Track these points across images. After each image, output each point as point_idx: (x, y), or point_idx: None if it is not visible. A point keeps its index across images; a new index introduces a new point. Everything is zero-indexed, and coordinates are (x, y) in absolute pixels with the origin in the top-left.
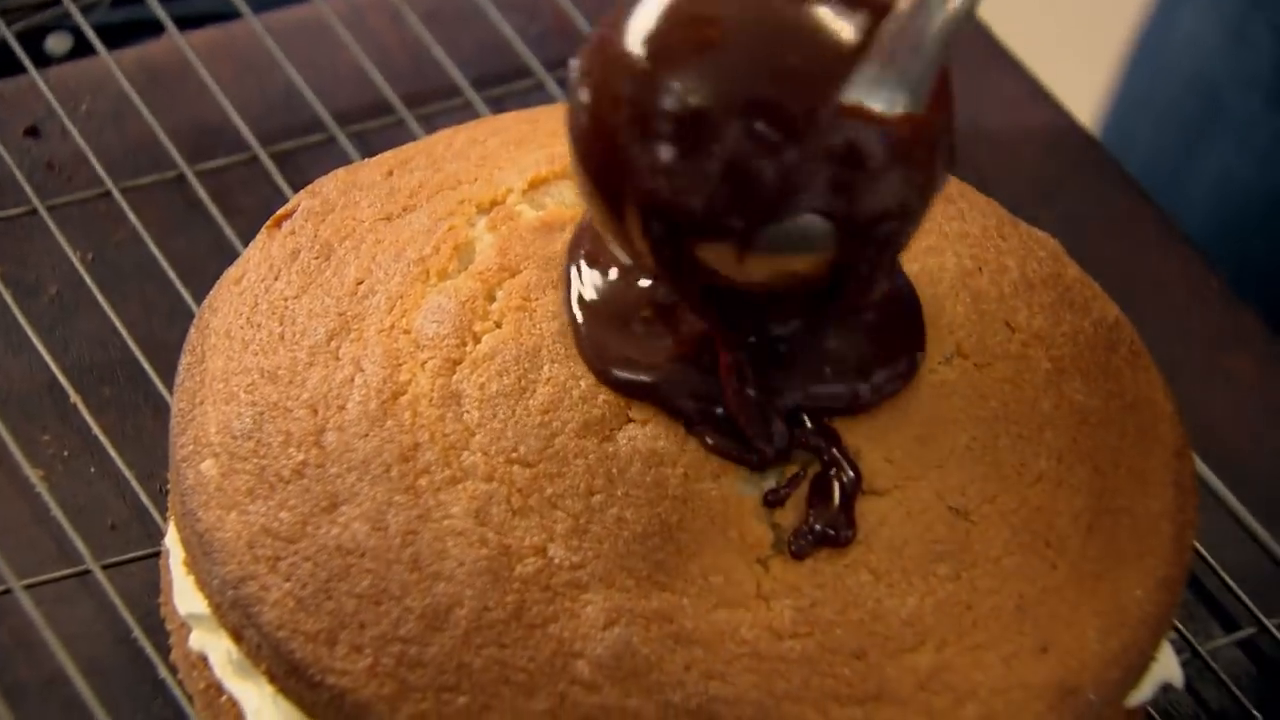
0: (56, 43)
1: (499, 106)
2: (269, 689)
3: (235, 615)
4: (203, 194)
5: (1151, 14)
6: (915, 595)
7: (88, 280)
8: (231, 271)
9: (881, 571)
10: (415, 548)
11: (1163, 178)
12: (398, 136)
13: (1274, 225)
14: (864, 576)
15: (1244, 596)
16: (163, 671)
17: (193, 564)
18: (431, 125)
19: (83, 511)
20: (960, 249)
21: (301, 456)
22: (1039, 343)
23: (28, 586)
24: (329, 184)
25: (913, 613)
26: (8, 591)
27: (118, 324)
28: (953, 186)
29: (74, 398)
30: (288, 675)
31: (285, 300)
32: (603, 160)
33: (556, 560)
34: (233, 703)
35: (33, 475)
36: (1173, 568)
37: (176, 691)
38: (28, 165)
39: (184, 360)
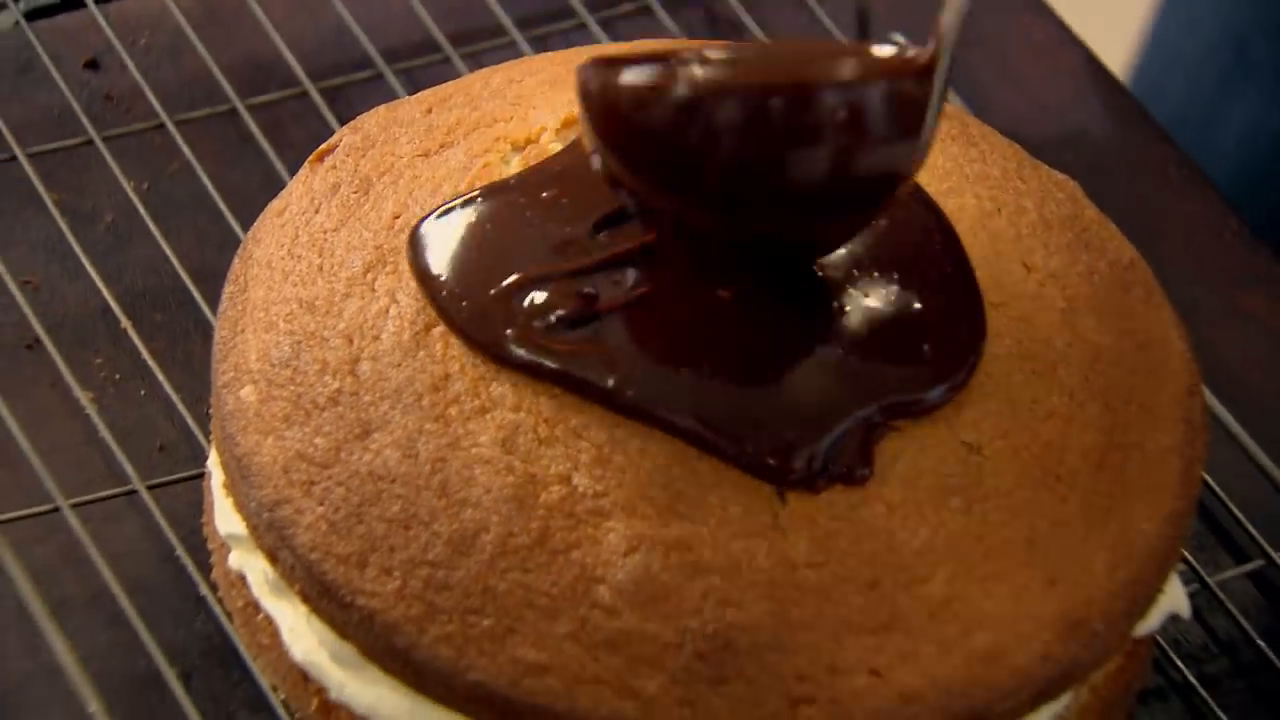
0: None
1: (543, 46)
2: (303, 609)
3: (271, 537)
4: (254, 128)
5: None
6: (928, 528)
7: (141, 210)
8: (275, 204)
9: (895, 504)
10: (444, 475)
11: (1193, 126)
12: (444, 74)
13: None
14: (878, 509)
15: (1253, 530)
16: (204, 589)
17: (231, 487)
18: (477, 63)
19: (132, 433)
20: (980, 190)
21: (336, 385)
22: (1054, 282)
23: (75, 505)
24: (370, 120)
25: (925, 544)
26: (56, 510)
27: (169, 253)
28: (975, 129)
29: (124, 323)
30: (320, 596)
31: (325, 233)
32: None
33: (580, 488)
34: (269, 621)
35: (83, 397)
36: (1180, 502)
37: (217, 609)
38: (86, 97)
39: (227, 289)
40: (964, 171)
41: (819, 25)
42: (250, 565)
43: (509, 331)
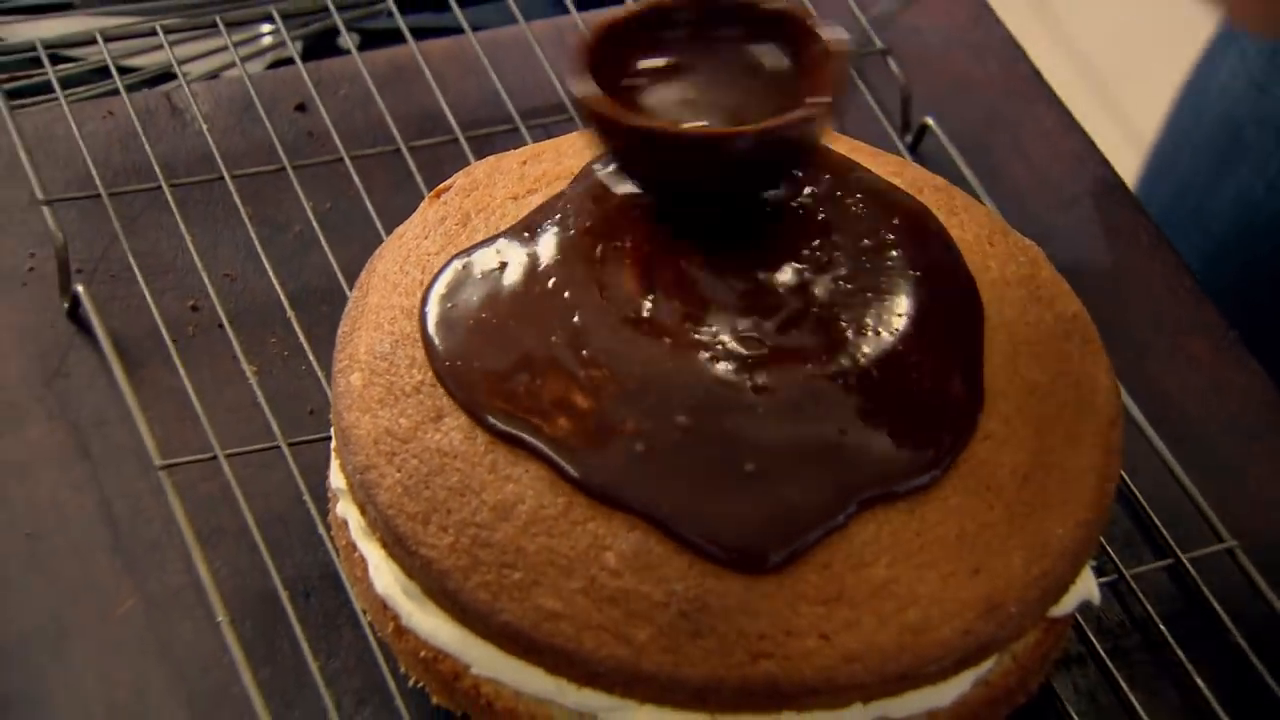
0: (346, 40)
1: None
2: (382, 552)
3: (361, 494)
4: (413, 165)
5: (1195, 68)
6: (875, 523)
7: (317, 226)
8: (399, 229)
9: None
10: (495, 455)
11: (1195, 194)
12: (567, 130)
13: (1278, 233)
14: None
15: (1167, 534)
16: (321, 529)
17: (338, 451)
18: None
19: (292, 399)
20: None
21: (420, 377)
22: (1004, 329)
23: (230, 455)
24: (480, 168)
25: (872, 536)
26: (214, 458)
27: (334, 261)
28: (959, 200)
29: (289, 312)
30: (394, 544)
31: (428, 255)
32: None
33: None
34: (362, 558)
35: (248, 369)
36: (1092, 513)
37: (329, 545)
38: (293, 133)
39: (353, 294)
40: None
41: (865, 104)
42: (350, 513)
43: (493, 406)
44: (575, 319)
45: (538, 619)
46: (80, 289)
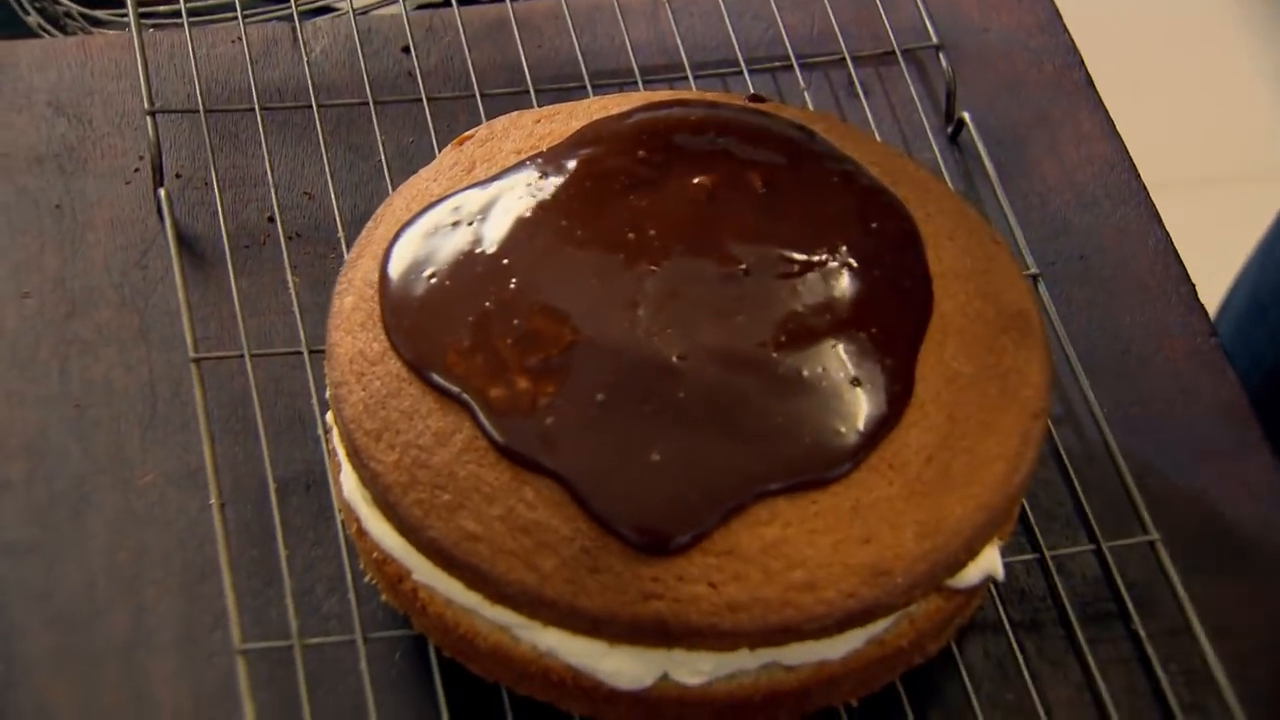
0: None
1: (706, 84)
2: (347, 461)
3: (335, 406)
4: (483, 112)
5: None
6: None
7: (385, 160)
8: (422, 170)
9: None
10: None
11: None
12: (630, 92)
13: None
14: None
15: (1093, 522)
16: (319, 431)
17: (326, 365)
18: (650, 89)
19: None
20: None
21: None
22: (938, 319)
23: (255, 355)
24: (502, 122)
25: (770, 499)
26: (240, 356)
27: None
28: (933, 193)
29: (340, 233)
30: (353, 455)
31: (431, 197)
32: None
33: None
34: (339, 463)
35: (290, 280)
36: (995, 498)
37: (324, 446)
38: (396, 72)
39: (367, 225)
40: None
41: (912, 96)
42: (332, 422)
43: (426, 362)
44: (511, 284)
45: (459, 538)
46: (162, 192)
